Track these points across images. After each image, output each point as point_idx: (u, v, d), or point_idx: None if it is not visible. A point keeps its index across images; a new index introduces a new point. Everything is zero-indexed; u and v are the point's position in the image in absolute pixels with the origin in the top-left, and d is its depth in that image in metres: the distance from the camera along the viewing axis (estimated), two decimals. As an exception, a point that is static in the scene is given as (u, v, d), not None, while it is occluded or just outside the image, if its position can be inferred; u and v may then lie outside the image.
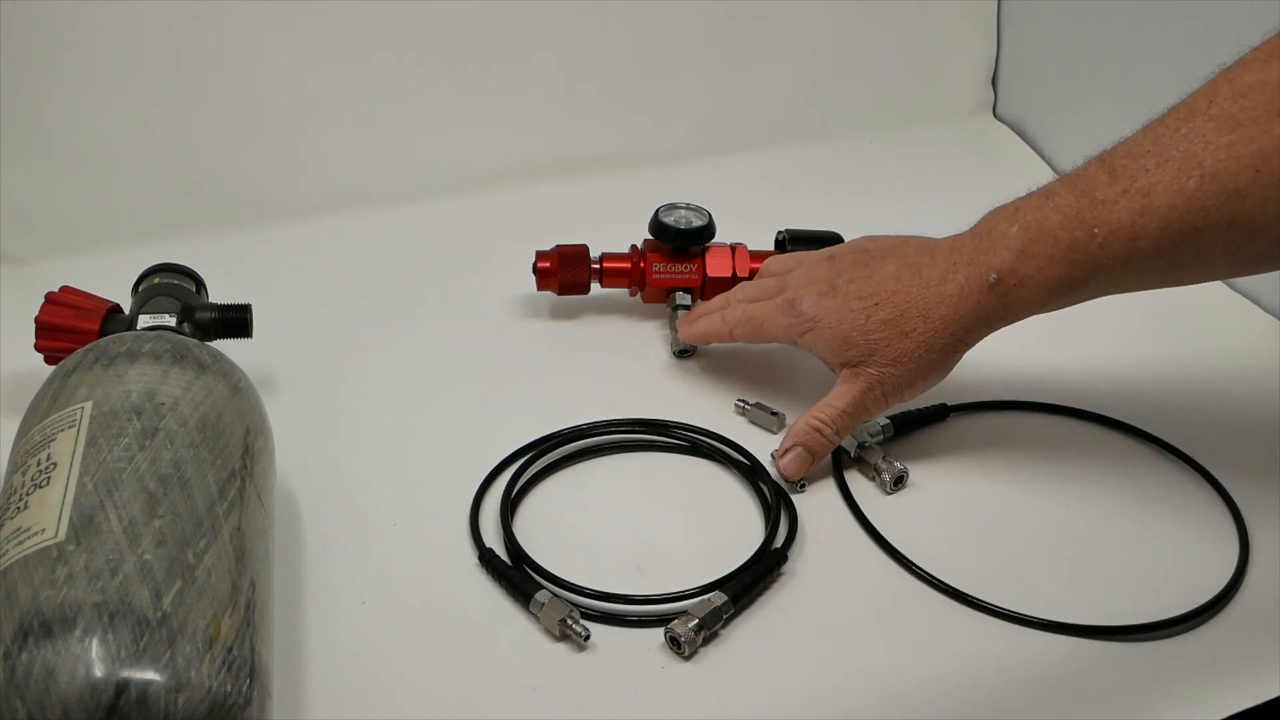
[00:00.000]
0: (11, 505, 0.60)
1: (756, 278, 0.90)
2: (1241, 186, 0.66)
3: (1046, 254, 0.72)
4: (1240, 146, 0.66)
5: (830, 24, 1.27)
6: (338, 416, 0.87)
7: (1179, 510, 0.81)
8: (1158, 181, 0.68)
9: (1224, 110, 0.68)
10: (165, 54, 1.06)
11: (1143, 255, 0.69)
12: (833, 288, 0.80)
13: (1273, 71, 0.67)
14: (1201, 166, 0.67)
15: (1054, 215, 0.72)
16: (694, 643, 0.69)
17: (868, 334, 0.78)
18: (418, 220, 1.11)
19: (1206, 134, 0.68)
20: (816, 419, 0.80)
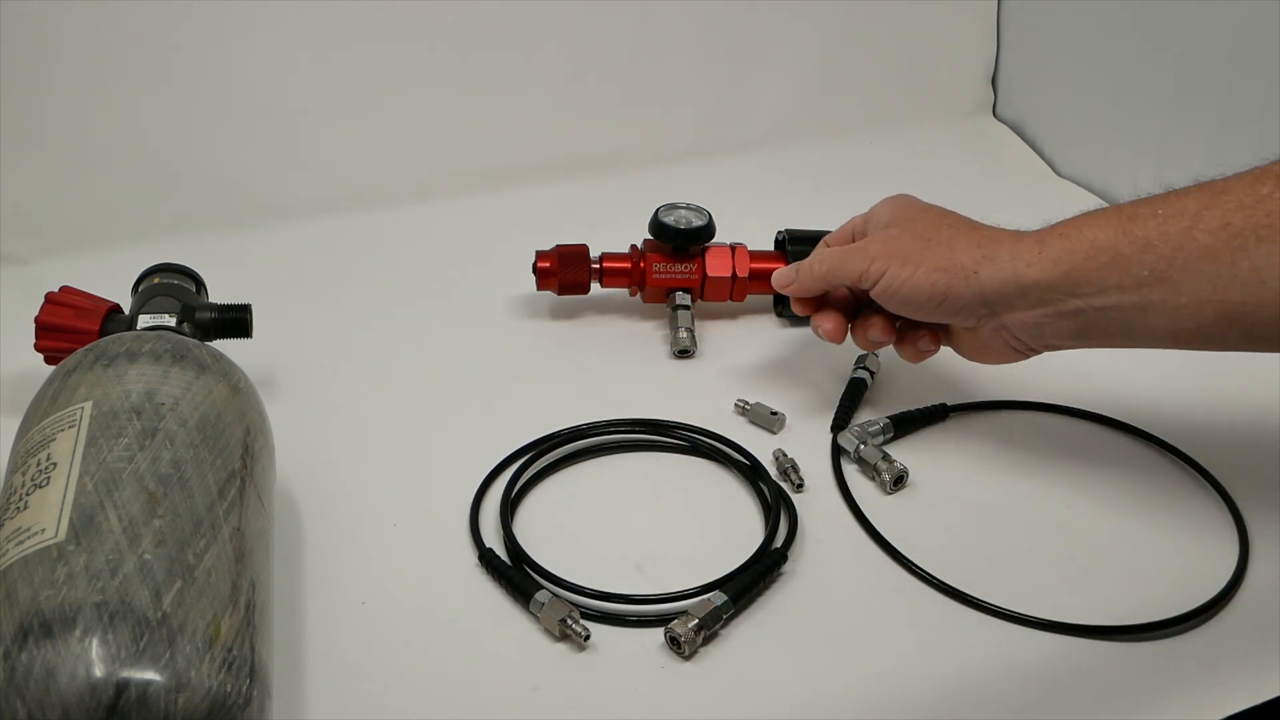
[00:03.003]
0: (11, 505, 0.60)
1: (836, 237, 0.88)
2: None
3: (1103, 215, 0.72)
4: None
5: (830, 24, 1.27)
6: (338, 416, 0.87)
7: (1179, 510, 0.80)
8: (1233, 185, 0.68)
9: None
10: (165, 54, 1.07)
11: (1197, 249, 0.67)
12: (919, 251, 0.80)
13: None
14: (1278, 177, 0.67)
15: (1126, 202, 0.72)
16: (694, 643, 0.69)
17: (925, 211, 0.80)
18: (418, 220, 1.11)
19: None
20: (818, 254, 0.83)
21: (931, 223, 0.78)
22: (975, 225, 0.78)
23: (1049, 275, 0.72)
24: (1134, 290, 0.69)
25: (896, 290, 0.77)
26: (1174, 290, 0.68)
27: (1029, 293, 0.73)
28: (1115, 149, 1.19)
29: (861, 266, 0.78)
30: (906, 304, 0.77)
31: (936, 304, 0.76)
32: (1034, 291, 0.72)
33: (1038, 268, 0.72)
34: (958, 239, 0.76)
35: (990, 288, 0.74)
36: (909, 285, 0.76)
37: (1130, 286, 0.69)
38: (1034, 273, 0.72)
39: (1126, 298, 0.70)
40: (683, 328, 0.94)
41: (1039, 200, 1.20)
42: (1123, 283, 0.70)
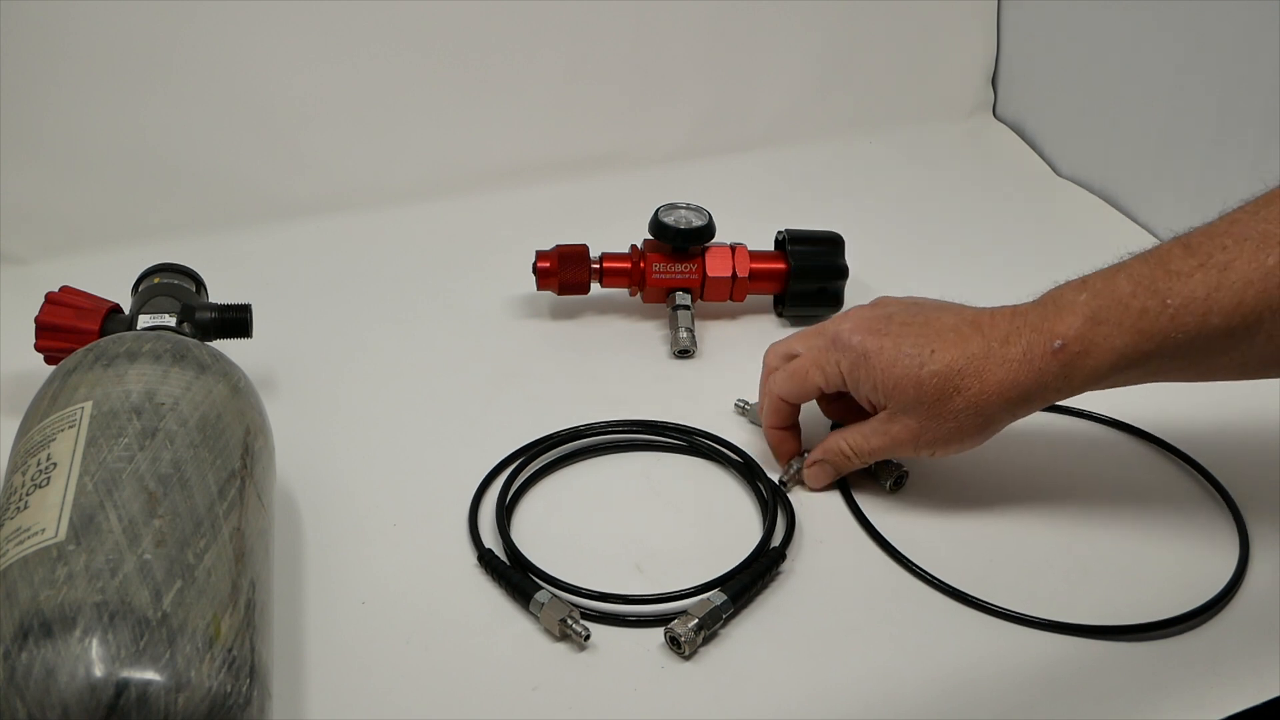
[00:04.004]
0: (11, 505, 0.60)
1: (765, 366, 0.83)
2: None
3: (1115, 321, 0.69)
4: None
5: (830, 24, 1.27)
6: (338, 416, 0.87)
7: (1179, 510, 0.80)
8: (1235, 258, 0.67)
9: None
10: (165, 54, 1.07)
11: (1213, 333, 0.67)
12: (885, 328, 0.76)
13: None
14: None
15: (1125, 283, 0.70)
16: (694, 642, 0.69)
17: (920, 384, 0.73)
18: (418, 220, 1.11)
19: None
20: (849, 446, 0.78)
21: (936, 397, 0.74)
22: (979, 370, 0.73)
23: (1084, 391, 0.73)
24: (1157, 375, 0.72)
25: (944, 456, 0.77)
26: (1195, 372, 0.72)
27: (1061, 405, 0.78)
28: (1115, 149, 1.19)
29: (908, 452, 0.77)
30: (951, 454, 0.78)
31: (983, 441, 0.77)
32: (1065, 400, 0.74)
33: (1069, 391, 0.72)
34: (976, 402, 0.73)
35: (1027, 414, 0.75)
36: (954, 450, 0.76)
37: (1154, 374, 0.72)
38: (1067, 396, 0.73)
39: (1153, 380, 0.73)
40: (683, 328, 0.94)
41: (1039, 200, 1.21)
42: (1146, 378, 0.72)
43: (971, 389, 0.73)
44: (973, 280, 1.06)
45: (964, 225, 1.16)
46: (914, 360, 0.74)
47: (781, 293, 0.99)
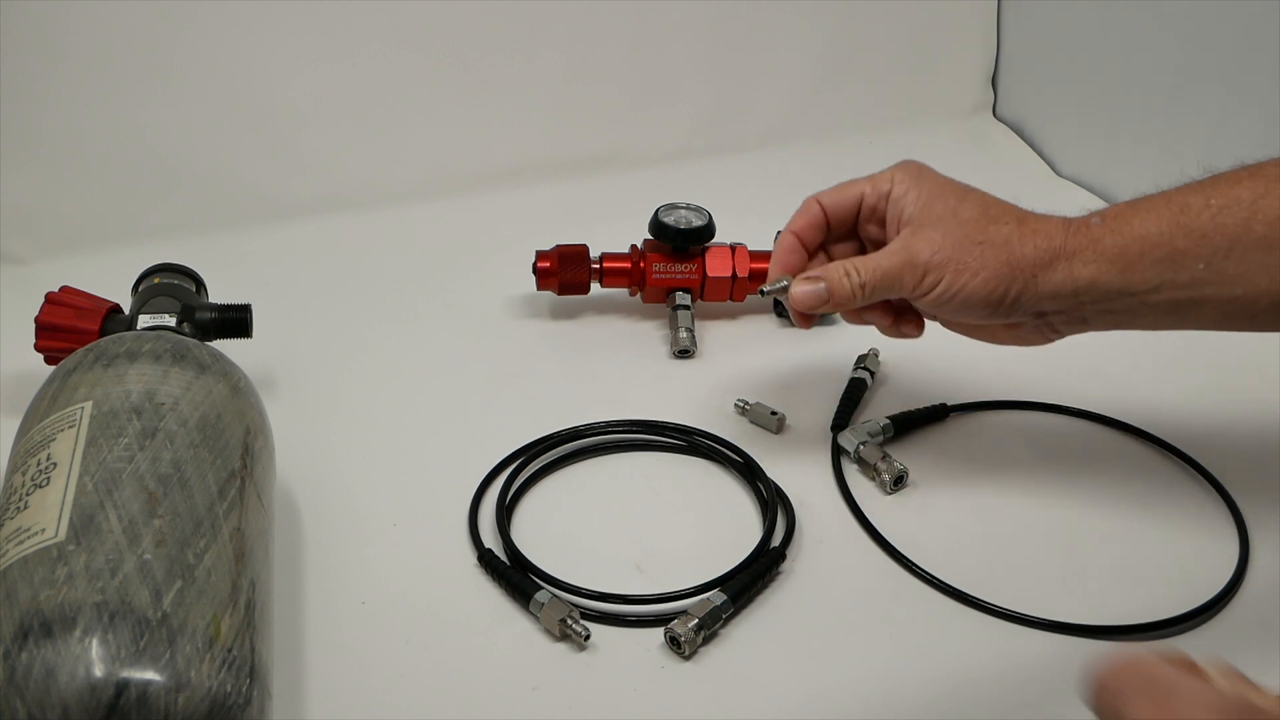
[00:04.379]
0: (11, 505, 0.60)
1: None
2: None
3: (1155, 208, 0.68)
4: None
5: (830, 24, 1.28)
6: (338, 416, 0.87)
7: (1179, 510, 0.80)
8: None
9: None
10: (165, 54, 1.07)
11: (1254, 241, 0.65)
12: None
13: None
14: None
15: (1176, 189, 0.69)
16: (694, 642, 0.69)
17: (964, 195, 0.72)
18: (418, 220, 1.11)
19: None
20: (853, 265, 0.72)
21: (976, 218, 0.71)
22: (1020, 216, 0.72)
23: (1105, 275, 0.69)
24: (1188, 285, 0.68)
25: (950, 299, 0.71)
26: (1230, 283, 0.67)
27: (1084, 293, 0.70)
28: (1115, 149, 1.19)
29: (914, 279, 0.71)
30: (958, 312, 0.72)
31: (991, 311, 0.71)
32: (1089, 292, 0.70)
33: (1094, 267, 0.69)
34: (1010, 238, 0.70)
35: (1047, 291, 0.70)
36: (965, 294, 0.70)
37: (1184, 282, 0.68)
38: (1089, 273, 0.69)
39: (1180, 292, 0.68)
40: (683, 328, 0.94)
41: (1039, 200, 1.20)
42: (1177, 278, 0.68)
43: (1010, 223, 0.71)
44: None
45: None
46: (965, 187, 0.74)
47: (781, 293, 0.99)
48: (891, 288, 0.72)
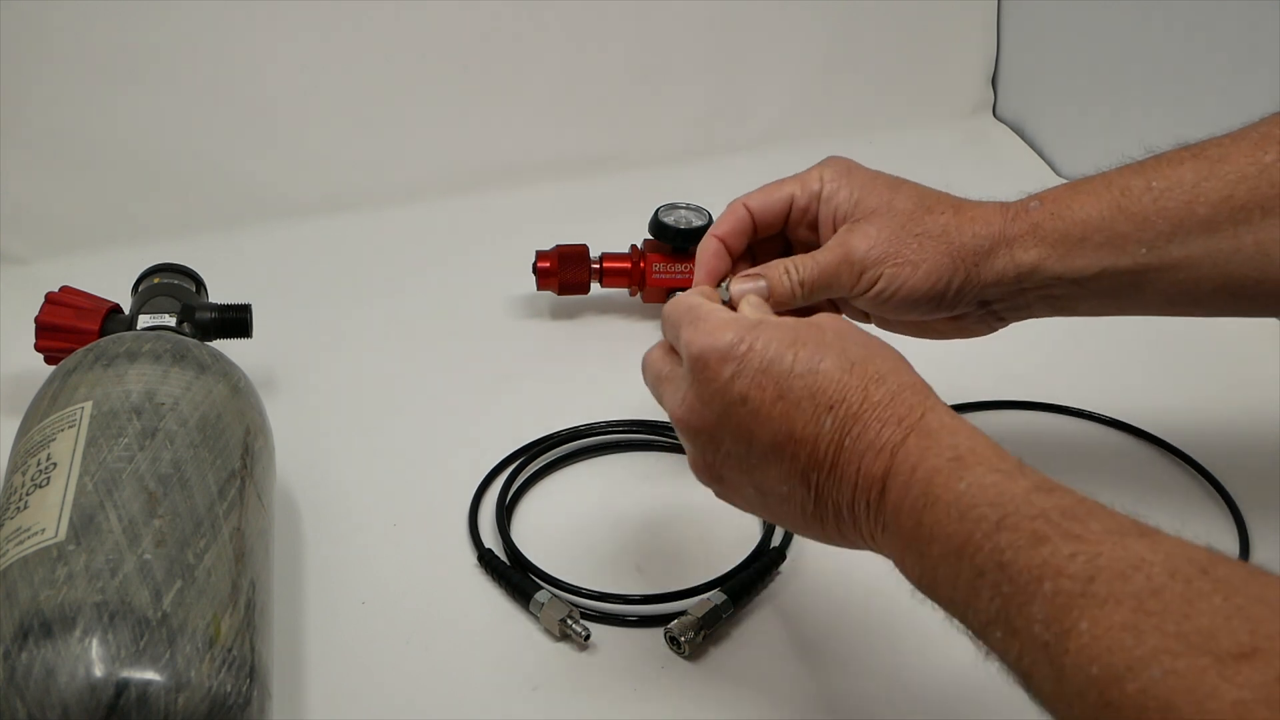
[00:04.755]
0: (11, 505, 0.60)
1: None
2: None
3: (1094, 191, 0.67)
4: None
5: (829, 24, 1.27)
6: (338, 416, 0.87)
7: (1179, 510, 0.80)
8: (1230, 153, 0.65)
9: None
10: (166, 54, 1.07)
11: (1197, 225, 0.64)
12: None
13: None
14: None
15: (1114, 170, 0.68)
16: (694, 642, 0.69)
17: (896, 187, 0.70)
18: (418, 220, 1.11)
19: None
20: (791, 261, 0.69)
21: (912, 210, 0.69)
22: (957, 204, 0.70)
23: (1047, 261, 0.68)
24: (1131, 270, 0.67)
25: (893, 295, 0.69)
26: (1173, 266, 0.66)
27: (1026, 279, 0.69)
28: (1115, 149, 1.19)
29: (852, 276, 0.69)
30: (901, 308, 0.70)
31: (935, 304, 0.69)
32: (1031, 277, 0.68)
33: (1035, 252, 0.68)
34: (948, 227, 0.69)
35: (990, 279, 0.69)
36: (907, 288, 0.68)
37: (1127, 267, 0.67)
38: (1031, 258, 0.68)
39: (1123, 277, 0.67)
40: (683, 328, 0.94)
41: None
42: (1119, 263, 0.67)
43: (946, 213, 0.69)
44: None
45: (964, 225, 1.16)
46: (897, 179, 0.71)
47: (781, 293, 0.99)
48: (830, 286, 0.69)
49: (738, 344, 0.58)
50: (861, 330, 0.60)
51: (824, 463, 0.56)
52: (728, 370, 0.58)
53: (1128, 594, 0.43)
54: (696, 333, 0.59)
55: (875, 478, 0.54)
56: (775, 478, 0.58)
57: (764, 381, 0.57)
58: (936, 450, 0.52)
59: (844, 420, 0.55)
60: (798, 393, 0.56)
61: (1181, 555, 0.45)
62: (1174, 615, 0.42)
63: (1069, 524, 0.47)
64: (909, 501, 0.52)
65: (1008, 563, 0.47)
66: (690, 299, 0.63)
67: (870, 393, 0.55)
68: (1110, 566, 0.45)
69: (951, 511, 0.50)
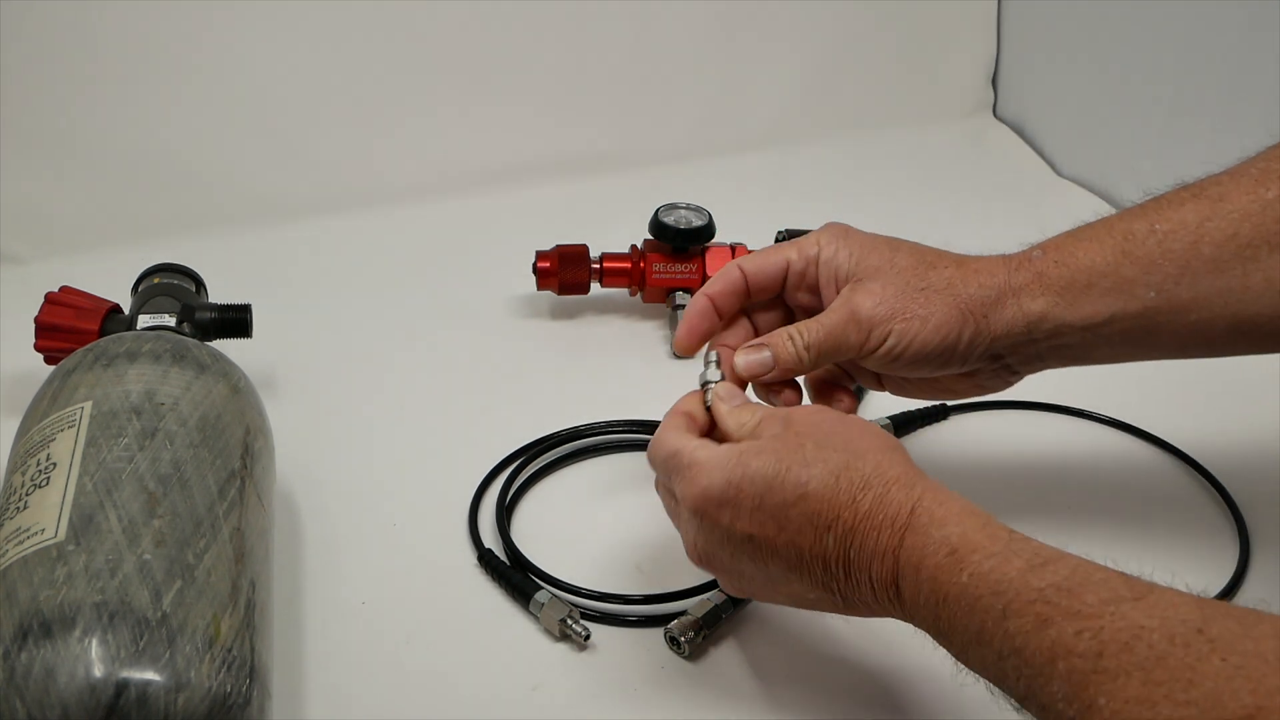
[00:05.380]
0: (11, 505, 0.60)
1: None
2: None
3: (1096, 237, 0.66)
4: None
5: (829, 24, 1.28)
6: (338, 416, 0.87)
7: (1179, 510, 0.80)
8: (1231, 191, 0.64)
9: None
10: (166, 54, 1.07)
11: (1203, 266, 0.64)
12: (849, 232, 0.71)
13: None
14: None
15: (1115, 215, 0.68)
16: (694, 642, 0.69)
17: (896, 247, 0.69)
18: (418, 220, 1.11)
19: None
20: (795, 328, 0.69)
21: (913, 265, 0.69)
22: (958, 259, 0.70)
23: (1055, 309, 0.67)
24: (1140, 314, 0.66)
25: (903, 352, 0.67)
26: (1183, 308, 0.65)
27: (1036, 328, 0.68)
28: (1115, 149, 1.19)
29: (860, 336, 0.67)
30: (912, 365, 0.69)
31: (946, 359, 0.68)
32: (1041, 326, 0.68)
33: (1043, 300, 0.67)
34: (953, 280, 0.68)
35: (999, 331, 0.68)
36: (918, 344, 0.67)
37: (1136, 312, 0.66)
38: (1039, 306, 0.67)
39: (1133, 322, 0.67)
40: (683, 328, 0.94)
41: (1039, 200, 1.21)
42: (1128, 309, 0.66)
43: (949, 267, 0.68)
44: (973, 280, 1.07)
45: (964, 225, 1.15)
46: (897, 239, 0.70)
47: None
48: (839, 348, 0.68)
49: (727, 489, 0.60)
50: (838, 420, 0.62)
51: (838, 574, 0.59)
52: (725, 516, 0.60)
53: (1135, 665, 0.46)
54: (685, 484, 0.62)
55: (887, 581, 0.57)
56: (801, 589, 0.61)
57: (762, 518, 0.59)
58: (932, 548, 0.55)
59: (843, 536, 0.58)
60: (796, 522, 0.59)
61: (1175, 617, 0.47)
62: (1181, 683, 0.45)
63: (1068, 601, 0.50)
64: (922, 599, 0.55)
65: (1020, 648, 0.50)
66: (668, 443, 0.64)
67: (859, 503, 0.58)
68: (1114, 639, 0.47)
69: (961, 604, 0.53)
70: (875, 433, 0.62)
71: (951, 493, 0.58)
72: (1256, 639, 0.45)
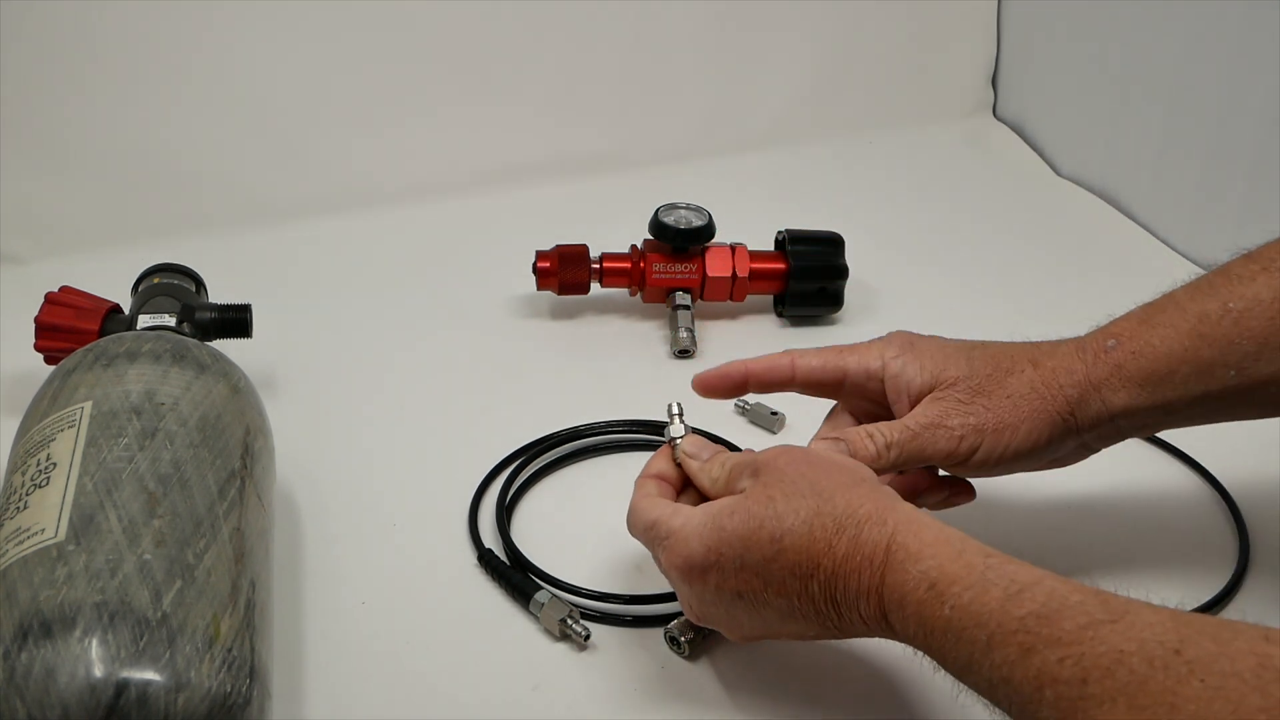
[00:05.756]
0: (11, 505, 0.60)
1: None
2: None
3: (1170, 323, 0.66)
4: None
5: (830, 24, 1.28)
6: (338, 416, 0.87)
7: (1179, 510, 0.80)
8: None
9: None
10: (166, 54, 1.07)
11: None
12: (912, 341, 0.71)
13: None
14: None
15: (1181, 292, 0.67)
16: (694, 642, 0.69)
17: (971, 356, 0.69)
18: (418, 220, 1.11)
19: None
20: (873, 427, 0.68)
21: (991, 373, 0.68)
22: (1032, 357, 0.68)
23: (1138, 399, 0.67)
24: (1221, 394, 0.66)
25: (996, 460, 0.68)
26: (1264, 383, 0.65)
27: (1120, 417, 0.68)
28: (1115, 149, 1.19)
29: (949, 446, 0.67)
30: (1001, 467, 0.69)
31: (1035, 459, 0.69)
32: (1125, 416, 0.68)
33: (1124, 394, 0.67)
34: (1035, 385, 0.67)
35: (1085, 425, 0.68)
36: (1010, 453, 0.67)
37: (1218, 391, 0.66)
38: (1122, 400, 0.67)
39: (1214, 399, 0.66)
40: (683, 328, 0.94)
41: (1039, 200, 1.21)
42: (1209, 388, 0.66)
43: (1026, 369, 0.68)
44: (972, 280, 1.07)
45: (964, 225, 1.16)
46: (966, 343, 0.70)
47: (781, 293, 0.99)
48: (923, 451, 0.67)
49: (708, 555, 0.61)
50: (804, 462, 0.63)
51: (830, 614, 0.60)
52: (712, 580, 0.62)
53: (1119, 691, 0.47)
54: (667, 554, 0.63)
55: (878, 618, 0.58)
56: (800, 630, 0.62)
57: (747, 576, 0.61)
58: (911, 584, 0.56)
59: (826, 583, 0.59)
60: (779, 575, 0.60)
61: (1152, 639, 0.48)
62: (1164, 707, 0.45)
63: (1048, 630, 0.50)
64: (912, 631, 0.56)
65: (1008, 677, 0.51)
66: (644, 515, 0.65)
67: (835, 548, 0.58)
68: (1096, 665, 0.48)
69: (948, 637, 0.54)
70: (840, 468, 0.62)
71: (924, 519, 0.58)
72: (1232, 657, 0.45)
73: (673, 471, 0.68)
